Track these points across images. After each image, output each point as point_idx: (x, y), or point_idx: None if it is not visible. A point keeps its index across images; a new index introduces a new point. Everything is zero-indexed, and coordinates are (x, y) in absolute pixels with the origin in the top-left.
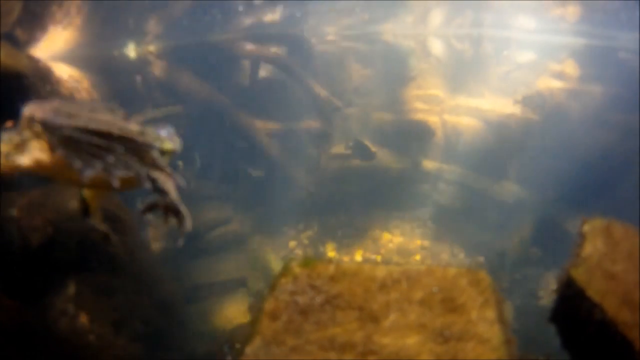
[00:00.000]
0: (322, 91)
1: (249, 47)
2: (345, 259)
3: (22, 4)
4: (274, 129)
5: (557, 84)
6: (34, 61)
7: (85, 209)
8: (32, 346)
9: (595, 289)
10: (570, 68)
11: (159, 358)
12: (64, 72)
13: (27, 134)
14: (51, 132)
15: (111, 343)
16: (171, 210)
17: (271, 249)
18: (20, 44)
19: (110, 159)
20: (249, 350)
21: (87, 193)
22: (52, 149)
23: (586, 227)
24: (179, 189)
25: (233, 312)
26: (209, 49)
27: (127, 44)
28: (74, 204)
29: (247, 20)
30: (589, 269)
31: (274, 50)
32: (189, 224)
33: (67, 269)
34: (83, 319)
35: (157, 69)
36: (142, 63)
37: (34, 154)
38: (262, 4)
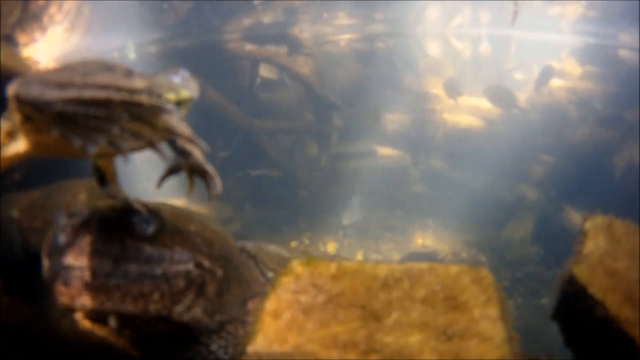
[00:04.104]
0: (322, 91)
1: (249, 47)
2: (347, 258)
3: (21, 6)
4: (274, 128)
5: (557, 82)
6: (34, 63)
7: (100, 178)
8: (33, 347)
9: (597, 286)
10: (571, 66)
11: None
12: None
13: (16, 117)
14: (41, 110)
15: (113, 344)
16: (197, 171)
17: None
18: (19, 46)
19: (115, 129)
20: (250, 349)
21: (100, 162)
22: (46, 128)
23: (587, 225)
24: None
25: None
26: (208, 49)
27: (127, 44)
28: (75, 205)
29: (247, 21)
30: (590, 266)
31: (273, 50)
32: (218, 184)
33: None
34: (85, 319)
35: (157, 70)
36: (142, 64)
37: (29, 137)
38: (261, 4)
